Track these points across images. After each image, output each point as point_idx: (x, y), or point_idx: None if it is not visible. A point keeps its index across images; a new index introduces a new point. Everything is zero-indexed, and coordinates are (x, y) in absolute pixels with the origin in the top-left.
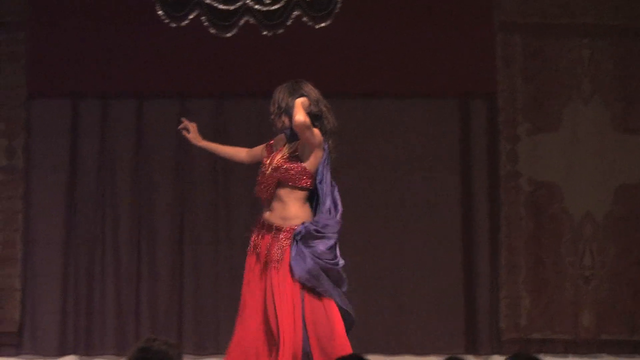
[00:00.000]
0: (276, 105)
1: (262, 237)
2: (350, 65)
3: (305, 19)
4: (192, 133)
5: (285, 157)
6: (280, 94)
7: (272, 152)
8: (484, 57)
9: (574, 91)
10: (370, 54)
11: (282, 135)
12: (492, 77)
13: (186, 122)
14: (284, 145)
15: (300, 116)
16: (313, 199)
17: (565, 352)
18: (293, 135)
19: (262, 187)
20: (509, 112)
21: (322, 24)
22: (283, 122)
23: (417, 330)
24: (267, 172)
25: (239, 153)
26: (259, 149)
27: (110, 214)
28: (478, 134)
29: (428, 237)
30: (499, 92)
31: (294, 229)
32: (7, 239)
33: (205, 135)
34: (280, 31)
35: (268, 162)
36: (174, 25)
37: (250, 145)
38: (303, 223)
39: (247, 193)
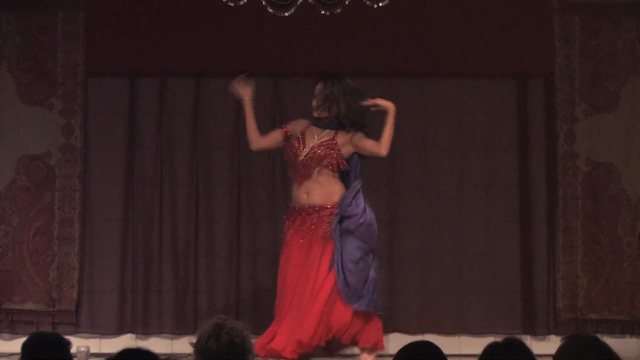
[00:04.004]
0: (325, 95)
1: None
2: (408, 45)
3: None
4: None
5: (324, 143)
6: (334, 86)
7: (297, 138)
8: (542, 37)
9: (632, 71)
10: (428, 34)
11: (302, 122)
12: (550, 57)
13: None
14: (316, 131)
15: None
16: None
17: (622, 332)
18: (333, 124)
19: (302, 170)
20: (566, 92)
21: (380, 3)
22: (329, 111)
23: (474, 311)
24: (304, 157)
25: (258, 135)
26: (276, 135)
27: (167, 193)
28: (535, 114)
29: (485, 217)
30: (557, 72)
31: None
32: (64, 217)
33: (262, 115)
34: (338, 10)
35: (302, 147)
36: (232, 4)
37: None
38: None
39: None
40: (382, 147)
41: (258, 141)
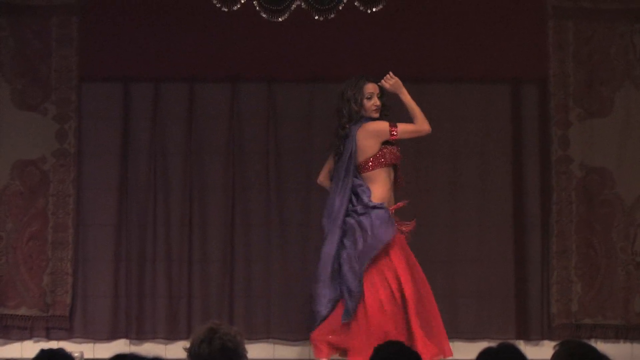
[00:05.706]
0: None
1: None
2: (402, 50)
3: (357, 3)
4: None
5: None
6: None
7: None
8: (536, 43)
9: (626, 77)
10: (422, 39)
11: None
12: (544, 62)
13: None
14: None
15: None
16: None
17: (617, 337)
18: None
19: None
20: (560, 97)
21: (374, 9)
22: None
23: (468, 316)
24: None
25: None
26: None
27: (161, 198)
28: (529, 119)
29: (479, 222)
30: (551, 77)
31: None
32: (58, 222)
33: (256, 119)
34: (332, 16)
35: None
36: (225, 9)
37: (296, 129)
38: None
39: (298, 176)
40: None
41: None
